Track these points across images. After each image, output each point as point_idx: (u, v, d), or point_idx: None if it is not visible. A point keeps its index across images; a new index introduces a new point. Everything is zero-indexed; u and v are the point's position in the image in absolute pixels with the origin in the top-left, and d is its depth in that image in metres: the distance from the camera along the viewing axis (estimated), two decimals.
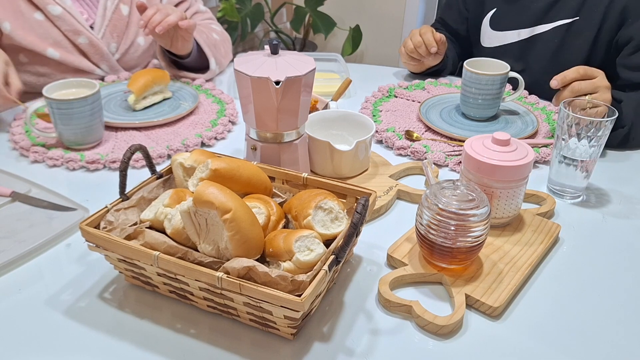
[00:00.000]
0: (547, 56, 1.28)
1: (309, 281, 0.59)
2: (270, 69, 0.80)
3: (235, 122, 1.16)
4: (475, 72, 1.09)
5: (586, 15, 1.22)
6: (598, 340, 0.66)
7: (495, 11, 1.34)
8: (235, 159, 0.75)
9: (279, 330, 0.64)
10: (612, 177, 0.99)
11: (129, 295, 0.71)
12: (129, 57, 1.32)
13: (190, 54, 1.29)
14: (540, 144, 1.06)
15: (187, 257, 0.63)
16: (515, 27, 1.31)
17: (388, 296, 0.68)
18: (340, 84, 1.21)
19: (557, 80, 1.03)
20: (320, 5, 2.71)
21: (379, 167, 0.97)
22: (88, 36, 1.22)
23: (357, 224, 0.59)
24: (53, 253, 0.78)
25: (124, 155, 0.71)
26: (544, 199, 0.90)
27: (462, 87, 1.13)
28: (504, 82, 1.11)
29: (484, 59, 1.14)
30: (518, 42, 1.31)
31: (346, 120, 1.00)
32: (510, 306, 0.70)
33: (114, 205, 0.71)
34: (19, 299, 0.70)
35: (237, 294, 0.59)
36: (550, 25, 1.26)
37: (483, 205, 0.68)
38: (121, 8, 1.27)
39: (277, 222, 0.70)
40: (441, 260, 0.71)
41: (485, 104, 1.12)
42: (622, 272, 0.77)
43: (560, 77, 1.03)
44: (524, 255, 0.76)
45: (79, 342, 0.64)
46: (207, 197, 0.60)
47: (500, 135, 0.78)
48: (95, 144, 1.03)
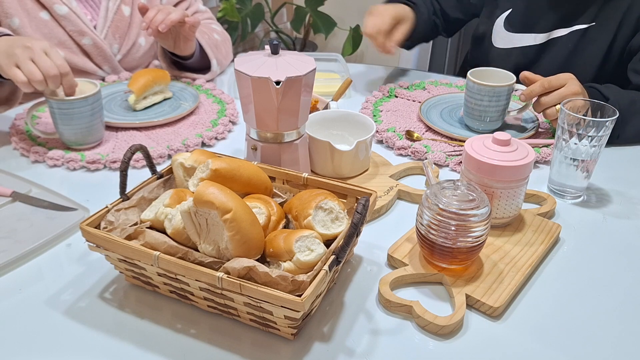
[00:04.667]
0: (560, 61, 1.27)
1: (310, 281, 0.59)
2: (271, 69, 0.80)
3: (236, 122, 1.16)
4: (480, 84, 1.04)
5: (602, 21, 1.21)
6: (598, 340, 0.66)
7: (511, 12, 1.31)
8: (235, 159, 0.75)
9: (279, 330, 0.64)
10: (613, 177, 0.99)
11: (129, 295, 0.71)
12: (131, 58, 1.32)
13: (193, 54, 1.29)
14: (541, 144, 1.06)
15: (187, 257, 0.63)
16: (532, 30, 1.29)
17: (388, 296, 0.68)
18: (340, 84, 1.21)
19: (524, 95, 1.04)
20: (321, 5, 2.71)
21: (380, 167, 0.97)
22: (92, 37, 1.22)
23: (357, 224, 0.59)
24: (53, 253, 0.78)
25: (125, 155, 0.71)
26: (545, 199, 0.90)
27: (465, 98, 1.09)
28: (510, 94, 1.07)
29: (489, 69, 1.10)
30: (533, 45, 1.29)
31: (346, 120, 1.00)
32: (511, 306, 0.70)
33: (115, 205, 0.71)
34: (19, 299, 0.70)
35: (238, 294, 0.59)
36: (566, 30, 1.25)
37: (483, 205, 0.68)
38: (123, 9, 1.27)
39: (277, 222, 0.70)
40: (441, 260, 0.71)
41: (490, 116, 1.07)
42: (622, 272, 0.77)
43: (527, 92, 1.04)
44: (524, 256, 0.76)
45: (79, 342, 0.64)
46: (208, 197, 0.60)
47: (500, 135, 0.78)
48: (96, 144, 1.03)
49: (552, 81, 1.02)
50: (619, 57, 1.22)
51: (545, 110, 1.04)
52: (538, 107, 1.05)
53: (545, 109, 1.03)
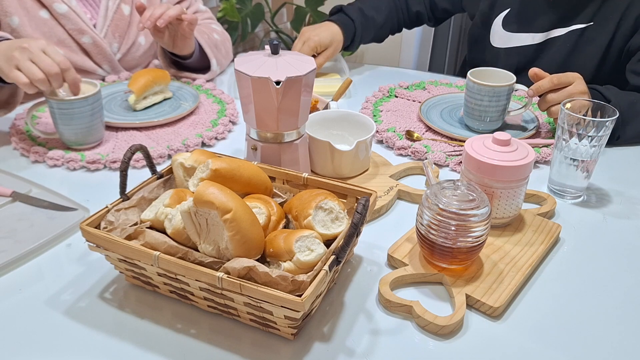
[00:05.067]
0: (558, 60, 1.27)
1: (310, 281, 0.59)
2: (271, 69, 0.80)
3: (236, 122, 1.16)
4: (480, 84, 1.04)
5: (601, 21, 1.21)
6: (598, 340, 0.66)
7: (509, 12, 1.32)
8: (235, 159, 0.75)
9: (279, 330, 0.64)
10: (613, 177, 0.99)
11: (129, 295, 0.71)
12: (131, 57, 1.32)
13: (192, 54, 1.29)
14: (541, 144, 1.06)
15: (187, 257, 0.63)
16: (529, 30, 1.29)
17: (388, 296, 0.68)
18: (340, 84, 1.21)
19: (532, 91, 1.04)
20: (321, 5, 2.71)
21: (380, 167, 0.97)
22: (92, 36, 1.22)
23: (357, 224, 0.59)
24: (53, 253, 0.78)
25: (125, 155, 0.71)
26: (545, 199, 0.90)
27: (465, 98, 1.09)
28: (510, 94, 1.06)
29: (489, 69, 1.10)
30: (531, 45, 1.30)
31: (346, 120, 1.00)
32: (511, 306, 0.70)
33: (115, 205, 0.71)
34: (19, 299, 0.70)
35: (238, 294, 0.59)
36: (565, 29, 1.25)
37: (483, 205, 0.68)
38: (122, 8, 1.27)
39: (277, 222, 0.70)
40: (441, 260, 0.71)
41: (490, 116, 1.07)
42: (622, 272, 0.77)
43: (535, 87, 1.04)
44: (524, 256, 0.76)
45: (79, 342, 0.64)
46: (208, 197, 0.60)
47: (500, 135, 0.78)
48: (96, 144, 1.03)
49: (561, 78, 1.02)
50: (617, 57, 1.22)
51: (550, 107, 1.04)
52: (543, 104, 1.05)
53: (551, 106, 1.03)
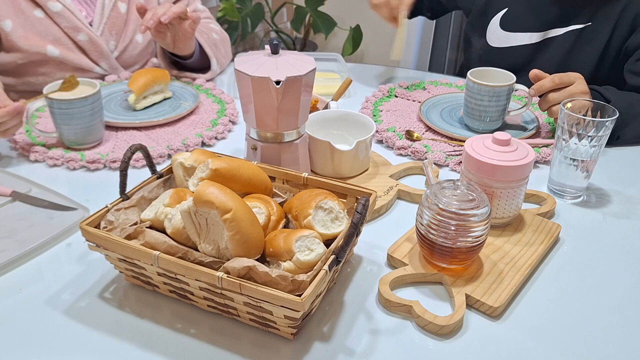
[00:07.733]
0: (556, 60, 1.27)
1: (309, 281, 0.59)
2: (271, 68, 0.80)
3: (236, 121, 1.16)
4: (480, 84, 1.04)
5: (599, 21, 1.21)
6: (598, 340, 0.66)
7: (507, 11, 1.32)
8: (235, 159, 0.75)
9: (279, 330, 0.64)
10: (613, 177, 0.99)
11: (129, 295, 0.71)
12: (128, 55, 1.32)
13: (193, 54, 1.29)
14: (541, 144, 1.06)
15: (187, 257, 0.63)
16: (527, 30, 1.29)
17: (388, 296, 0.68)
18: (340, 84, 1.21)
19: (534, 90, 1.04)
20: (321, 5, 2.71)
21: (379, 167, 0.97)
22: (88, 33, 1.22)
23: (357, 223, 0.59)
24: (53, 253, 0.78)
25: (125, 155, 0.71)
26: (545, 199, 0.90)
27: (465, 98, 1.09)
28: (510, 94, 1.06)
29: (489, 69, 1.10)
30: (529, 44, 1.30)
31: (346, 120, 1.00)
32: (511, 306, 0.70)
33: (114, 204, 0.71)
34: (19, 298, 0.70)
35: (238, 294, 0.59)
36: (562, 29, 1.25)
37: (483, 205, 0.68)
38: (119, 6, 1.27)
39: (277, 222, 0.70)
40: (441, 260, 0.71)
41: (490, 116, 1.07)
42: (622, 272, 0.77)
43: (537, 86, 1.04)
44: (524, 256, 0.76)
45: (79, 342, 0.64)
46: (208, 197, 0.60)
47: (500, 135, 0.78)
48: (96, 143, 1.03)
49: (562, 77, 1.02)
50: (615, 57, 1.22)
51: (551, 107, 1.04)
52: (544, 104, 1.05)
53: (552, 105, 1.03)
